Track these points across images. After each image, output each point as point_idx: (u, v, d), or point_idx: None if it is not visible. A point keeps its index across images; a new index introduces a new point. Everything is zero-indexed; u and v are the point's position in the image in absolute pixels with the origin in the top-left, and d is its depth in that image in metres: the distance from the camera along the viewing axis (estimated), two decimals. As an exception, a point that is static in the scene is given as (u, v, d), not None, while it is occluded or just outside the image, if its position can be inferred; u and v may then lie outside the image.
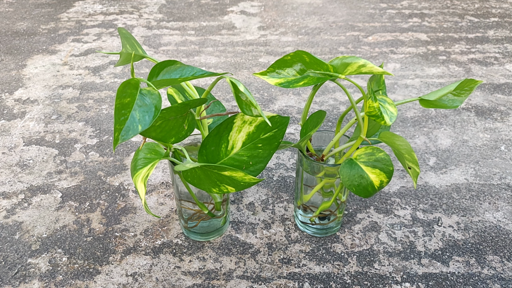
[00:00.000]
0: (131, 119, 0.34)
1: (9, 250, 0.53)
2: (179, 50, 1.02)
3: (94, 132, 0.75)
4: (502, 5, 1.27)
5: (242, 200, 0.61)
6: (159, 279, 0.50)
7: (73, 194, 0.62)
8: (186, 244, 0.54)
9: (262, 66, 0.95)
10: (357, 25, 1.14)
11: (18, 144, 0.72)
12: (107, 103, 0.82)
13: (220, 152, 0.44)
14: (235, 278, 0.50)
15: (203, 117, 0.45)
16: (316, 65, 0.42)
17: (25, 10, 1.24)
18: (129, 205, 0.60)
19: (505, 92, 0.87)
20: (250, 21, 1.17)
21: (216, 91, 0.85)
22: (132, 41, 0.46)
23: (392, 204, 0.60)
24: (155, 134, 0.41)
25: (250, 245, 0.54)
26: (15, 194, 0.62)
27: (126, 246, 0.54)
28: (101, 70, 0.94)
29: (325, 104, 0.82)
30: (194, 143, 0.52)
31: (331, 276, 0.50)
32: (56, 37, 1.08)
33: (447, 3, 1.28)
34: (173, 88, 0.48)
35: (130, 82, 0.35)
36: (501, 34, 1.10)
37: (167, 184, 0.64)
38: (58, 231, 0.56)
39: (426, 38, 1.07)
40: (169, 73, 0.39)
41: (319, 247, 0.54)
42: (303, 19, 1.18)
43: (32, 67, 0.95)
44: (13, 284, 0.49)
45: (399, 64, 0.95)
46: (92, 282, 0.49)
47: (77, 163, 0.68)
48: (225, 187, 0.42)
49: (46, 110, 0.80)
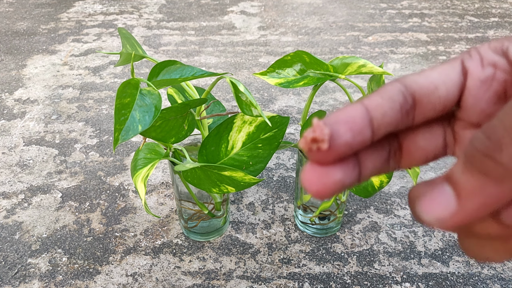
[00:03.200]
0: (131, 119, 0.34)
1: (9, 250, 0.53)
2: (179, 50, 1.02)
3: (94, 132, 0.75)
4: (502, 5, 1.27)
5: (242, 200, 0.61)
6: (159, 279, 0.50)
7: (73, 194, 0.62)
8: (186, 244, 0.54)
9: (262, 66, 0.95)
10: (357, 25, 1.14)
11: (18, 144, 0.72)
12: (107, 103, 0.82)
13: (220, 152, 0.44)
14: (235, 278, 0.50)
15: (203, 117, 0.45)
16: (316, 65, 0.42)
17: (25, 10, 1.24)
18: (129, 205, 0.60)
19: (505, 92, 0.87)
20: (250, 21, 1.17)
21: (216, 91, 0.85)
22: (132, 41, 0.46)
23: (392, 204, 0.60)
24: (155, 134, 0.41)
25: (250, 245, 0.54)
26: (15, 194, 0.62)
27: (126, 246, 0.54)
28: (101, 70, 0.94)
29: (325, 104, 0.82)
30: (194, 143, 0.52)
31: (331, 276, 0.50)
32: (56, 37, 1.08)
33: (447, 3, 1.28)
34: (173, 88, 0.48)
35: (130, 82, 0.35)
36: (501, 34, 1.10)
37: (167, 184, 0.64)
38: (58, 231, 0.56)
39: (426, 38, 1.07)
40: (169, 73, 0.39)
41: (319, 247, 0.54)
42: (303, 19, 1.18)
43: (32, 67, 0.95)
44: (13, 284, 0.49)
45: (399, 64, 0.95)
46: (92, 282, 0.49)
47: (77, 163, 0.68)
48: (225, 187, 0.42)
49: (46, 110, 0.80)
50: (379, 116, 0.15)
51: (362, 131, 0.14)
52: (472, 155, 0.13)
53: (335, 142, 0.14)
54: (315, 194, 0.14)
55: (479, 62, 0.16)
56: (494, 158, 0.13)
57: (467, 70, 0.16)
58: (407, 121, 0.16)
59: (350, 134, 0.14)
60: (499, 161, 0.12)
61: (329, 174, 0.14)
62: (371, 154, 0.16)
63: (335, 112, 0.14)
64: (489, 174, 0.13)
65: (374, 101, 0.15)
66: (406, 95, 0.15)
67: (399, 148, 0.17)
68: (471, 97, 0.16)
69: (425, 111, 0.16)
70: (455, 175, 0.14)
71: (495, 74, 0.16)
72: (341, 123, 0.14)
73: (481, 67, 0.16)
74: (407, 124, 0.16)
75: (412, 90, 0.16)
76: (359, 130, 0.14)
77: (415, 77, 0.16)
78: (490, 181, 0.13)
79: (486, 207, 0.13)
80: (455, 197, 0.13)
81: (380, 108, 0.15)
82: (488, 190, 0.13)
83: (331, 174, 0.14)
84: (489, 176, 0.13)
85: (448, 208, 0.14)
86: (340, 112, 0.14)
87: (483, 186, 0.13)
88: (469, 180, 0.13)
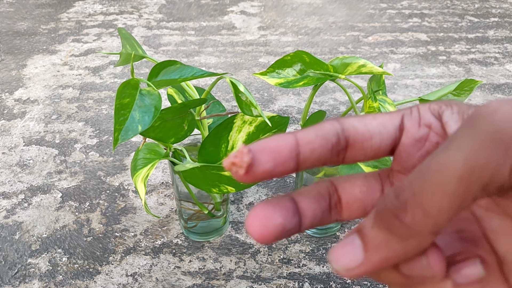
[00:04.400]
0: (130, 119, 0.34)
1: (9, 250, 0.53)
2: (179, 50, 1.02)
3: (94, 132, 0.75)
4: (502, 5, 1.27)
5: (242, 200, 0.61)
6: (159, 279, 0.50)
7: (73, 194, 0.62)
8: (186, 244, 0.54)
9: (262, 66, 0.95)
10: (357, 25, 1.14)
11: (18, 144, 0.72)
12: (107, 103, 0.82)
13: (220, 152, 0.44)
14: (235, 278, 0.50)
15: (203, 117, 0.45)
16: (316, 65, 0.42)
17: (26, 10, 1.24)
18: (129, 205, 0.60)
19: (505, 92, 0.87)
20: (250, 21, 1.17)
21: (216, 91, 0.85)
22: (132, 41, 0.46)
23: (392, 204, 0.60)
24: (155, 134, 0.41)
25: (250, 245, 0.54)
26: (15, 194, 0.62)
27: (126, 246, 0.54)
28: (101, 70, 0.94)
29: (325, 104, 0.82)
30: (194, 143, 0.52)
31: (331, 276, 0.50)
32: (56, 37, 1.08)
33: (447, 3, 1.28)
34: (173, 88, 0.48)
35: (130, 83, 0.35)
36: (501, 34, 1.10)
37: (167, 184, 0.64)
38: (58, 231, 0.56)
39: (426, 38, 1.07)
40: (169, 73, 0.39)
41: (319, 247, 0.54)
42: (303, 19, 1.18)
43: (32, 67, 0.95)
44: (13, 284, 0.49)
45: (399, 64, 0.95)
46: (92, 282, 0.49)
47: (77, 163, 0.68)
48: (225, 187, 0.42)
49: (46, 110, 0.80)
50: (308, 152, 0.15)
51: (285, 163, 0.15)
52: (381, 212, 0.14)
53: (253, 169, 0.15)
54: (259, 238, 0.15)
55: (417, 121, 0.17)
56: (399, 218, 0.13)
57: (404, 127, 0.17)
58: (337, 160, 0.17)
59: (271, 164, 0.15)
60: (403, 221, 0.13)
61: (270, 219, 0.15)
62: (311, 205, 0.17)
63: (266, 139, 0.15)
64: (394, 232, 0.14)
65: (307, 137, 0.16)
66: (340, 138, 0.16)
67: (339, 200, 0.18)
68: (404, 152, 0.17)
69: (355, 155, 0.17)
70: (365, 229, 0.15)
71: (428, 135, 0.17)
72: (266, 152, 0.15)
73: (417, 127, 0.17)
74: (336, 162, 0.17)
75: (348, 134, 0.16)
76: (282, 162, 0.15)
77: (354, 121, 0.17)
78: (394, 238, 0.14)
79: (389, 260, 0.14)
80: (363, 249, 0.15)
81: (311, 144, 0.16)
82: (392, 246, 0.14)
83: (272, 219, 0.15)
84: (394, 234, 0.14)
85: (355, 259, 0.15)
86: (269, 141, 0.15)
87: (388, 242, 0.14)
88: (377, 235, 0.14)
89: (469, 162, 0.12)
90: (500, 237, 0.16)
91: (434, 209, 0.13)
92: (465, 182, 0.13)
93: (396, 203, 0.14)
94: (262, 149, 0.15)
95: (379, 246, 0.14)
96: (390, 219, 0.14)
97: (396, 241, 0.14)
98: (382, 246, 0.14)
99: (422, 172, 0.13)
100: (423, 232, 0.13)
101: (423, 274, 0.15)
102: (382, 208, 0.14)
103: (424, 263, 0.14)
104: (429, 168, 0.13)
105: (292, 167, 0.15)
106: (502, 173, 0.12)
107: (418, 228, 0.13)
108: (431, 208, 0.13)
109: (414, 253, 0.14)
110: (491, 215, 0.17)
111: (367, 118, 0.17)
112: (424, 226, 0.13)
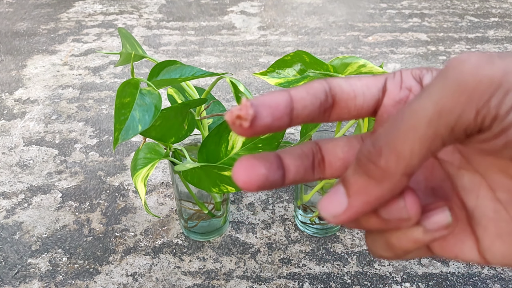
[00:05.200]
0: (131, 118, 0.34)
1: (9, 250, 0.53)
2: (179, 50, 1.02)
3: (94, 132, 0.75)
4: (502, 5, 1.27)
5: (242, 200, 0.61)
6: (159, 279, 0.50)
7: (73, 194, 0.62)
8: (186, 244, 0.54)
9: (262, 66, 0.95)
10: (357, 25, 1.14)
11: (18, 144, 0.72)
12: (107, 103, 0.82)
13: (220, 152, 0.44)
14: (235, 278, 0.50)
15: (203, 117, 0.45)
16: (316, 65, 0.42)
17: (25, 11, 1.24)
18: (129, 205, 0.60)
19: (505, 92, 0.87)
20: (250, 21, 1.17)
21: (216, 91, 0.85)
22: (132, 41, 0.46)
23: (392, 204, 0.60)
24: (155, 133, 0.41)
25: (250, 245, 0.54)
26: (15, 194, 0.62)
27: (126, 246, 0.54)
28: (101, 70, 0.94)
29: (325, 104, 0.82)
30: (194, 143, 0.52)
31: (331, 276, 0.50)
32: (56, 37, 1.08)
33: (447, 3, 1.28)
34: (173, 88, 0.48)
35: (130, 82, 0.35)
36: (501, 34, 1.10)
37: (167, 184, 0.64)
38: (58, 231, 0.56)
39: (426, 38, 1.07)
40: (169, 73, 0.39)
41: (319, 247, 0.54)
42: (303, 19, 1.18)
43: (32, 67, 0.95)
44: (13, 284, 0.49)
45: (399, 64, 0.95)
46: (92, 282, 0.49)
47: (77, 163, 0.68)
48: (225, 187, 0.42)
49: (46, 110, 0.80)
50: (300, 108, 0.16)
51: (282, 118, 0.16)
52: (360, 159, 0.16)
53: (255, 123, 0.15)
54: (243, 185, 0.16)
55: (398, 84, 0.18)
56: (375, 162, 0.15)
57: (386, 89, 0.18)
58: (323, 117, 0.18)
59: (270, 118, 0.16)
60: (378, 164, 0.15)
61: (254, 169, 0.16)
62: (294, 161, 0.18)
63: (264, 94, 0.16)
64: (371, 176, 0.15)
65: (299, 94, 0.16)
66: (328, 96, 0.17)
67: (322, 160, 0.19)
68: (386, 113, 0.18)
69: (340, 113, 0.18)
70: (347, 177, 0.16)
71: (408, 97, 0.18)
72: (265, 106, 0.16)
73: (399, 89, 0.18)
74: (323, 119, 0.18)
75: (335, 92, 0.17)
76: (279, 117, 0.16)
77: (341, 81, 0.18)
78: (372, 182, 0.15)
79: (369, 204, 0.16)
80: (346, 194, 0.16)
81: (303, 101, 0.16)
82: (370, 190, 0.15)
83: (256, 169, 0.16)
84: (371, 177, 0.15)
85: (340, 205, 0.16)
86: (267, 96, 0.16)
87: (367, 186, 0.15)
88: (357, 180, 0.16)
89: (437, 106, 0.14)
90: (470, 194, 0.18)
91: (406, 151, 0.14)
92: (434, 124, 0.14)
93: (372, 149, 0.15)
94: (262, 103, 0.16)
95: (359, 191, 0.15)
96: (367, 164, 0.15)
97: (373, 184, 0.15)
98: (362, 190, 0.15)
99: (396, 120, 0.15)
100: (396, 173, 0.15)
101: (400, 216, 0.16)
102: (360, 155, 0.16)
103: (401, 205, 0.16)
104: (402, 116, 0.14)
105: (287, 123, 0.16)
106: (467, 117, 0.14)
107: (391, 171, 0.15)
108: (403, 150, 0.14)
109: (390, 195, 0.15)
110: (463, 173, 0.18)
111: (352, 79, 0.18)
112: (397, 168, 0.15)
